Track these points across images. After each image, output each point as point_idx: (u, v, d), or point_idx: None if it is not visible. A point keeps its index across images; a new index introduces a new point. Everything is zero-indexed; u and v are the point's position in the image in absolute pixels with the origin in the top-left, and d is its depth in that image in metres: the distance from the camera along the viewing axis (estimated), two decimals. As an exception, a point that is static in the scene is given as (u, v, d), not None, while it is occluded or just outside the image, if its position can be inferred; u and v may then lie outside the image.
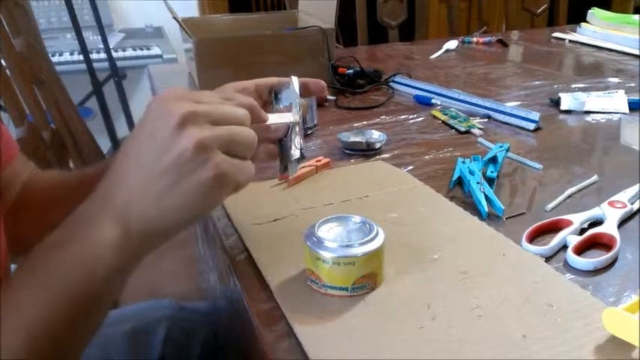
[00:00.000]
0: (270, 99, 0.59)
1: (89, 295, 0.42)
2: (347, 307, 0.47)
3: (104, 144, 1.87)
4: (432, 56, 1.38)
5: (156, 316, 0.81)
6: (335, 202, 0.65)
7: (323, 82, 0.63)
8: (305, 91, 0.60)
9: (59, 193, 0.64)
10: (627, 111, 0.93)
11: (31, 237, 0.44)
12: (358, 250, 0.48)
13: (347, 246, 0.48)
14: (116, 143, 2.00)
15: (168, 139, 0.41)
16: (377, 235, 0.49)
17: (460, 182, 0.69)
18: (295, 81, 0.58)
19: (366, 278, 0.48)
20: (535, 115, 0.86)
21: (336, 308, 0.47)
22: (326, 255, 0.48)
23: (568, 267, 0.53)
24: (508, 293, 0.48)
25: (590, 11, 1.52)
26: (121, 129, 2.23)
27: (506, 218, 0.61)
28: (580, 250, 0.54)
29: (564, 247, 0.55)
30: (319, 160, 0.74)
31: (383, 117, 0.96)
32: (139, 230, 0.43)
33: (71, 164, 1.27)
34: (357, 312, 0.46)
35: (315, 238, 0.49)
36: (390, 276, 0.51)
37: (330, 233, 0.51)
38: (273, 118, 0.55)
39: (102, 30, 2.18)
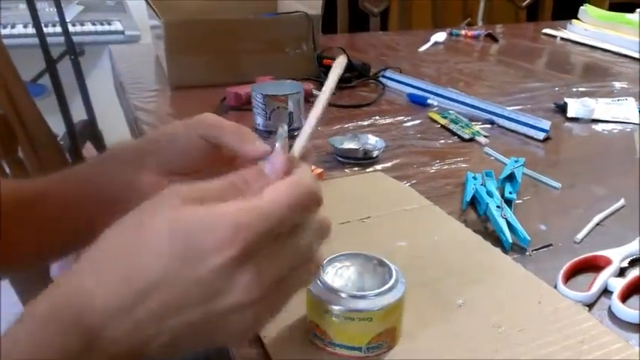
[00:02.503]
0: None
1: None
2: (362, 375, 0.38)
3: (58, 127, 1.71)
4: (421, 49, 1.29)
5: None
6: (332, 225, 0.56)
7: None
8: None
9: (8, 212, 0.51)
10: (639, 121, 0.86)
11: None
12: (376, 303, 0.38)
13: (361, 297, 0.39)
14: (71, 126, 1.84)
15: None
16: (397, 281, 0.40)
17: (472, 201, 0.61)
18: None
19: (384, 336, 0.39)
20: (545, 124, 0.78)
21: (349, 377, 0.38)
22: (336, 308, 0.38)
23: (612, 316, 0.45)
24: (551, 355, 0.40)
25: (582, 8, 1.45)
26: (77, 110, 2.06)
27: (533, 250, 0.53)
28: (624, 296, 0.47)
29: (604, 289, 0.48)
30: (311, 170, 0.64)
31: (376, 118, 0.86)
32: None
33: (20, 154, 1.13)
34: (374, 382, 0.38)
35: (320, 283, 0.40)
36: (409, 327, 0.42)
37: (339, 277, 0.41)
38: None
39: (58, 1, 2.00)
